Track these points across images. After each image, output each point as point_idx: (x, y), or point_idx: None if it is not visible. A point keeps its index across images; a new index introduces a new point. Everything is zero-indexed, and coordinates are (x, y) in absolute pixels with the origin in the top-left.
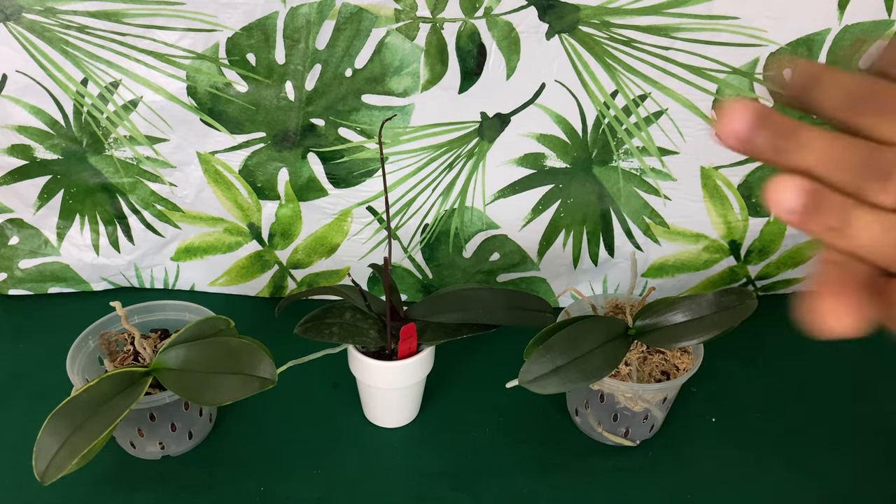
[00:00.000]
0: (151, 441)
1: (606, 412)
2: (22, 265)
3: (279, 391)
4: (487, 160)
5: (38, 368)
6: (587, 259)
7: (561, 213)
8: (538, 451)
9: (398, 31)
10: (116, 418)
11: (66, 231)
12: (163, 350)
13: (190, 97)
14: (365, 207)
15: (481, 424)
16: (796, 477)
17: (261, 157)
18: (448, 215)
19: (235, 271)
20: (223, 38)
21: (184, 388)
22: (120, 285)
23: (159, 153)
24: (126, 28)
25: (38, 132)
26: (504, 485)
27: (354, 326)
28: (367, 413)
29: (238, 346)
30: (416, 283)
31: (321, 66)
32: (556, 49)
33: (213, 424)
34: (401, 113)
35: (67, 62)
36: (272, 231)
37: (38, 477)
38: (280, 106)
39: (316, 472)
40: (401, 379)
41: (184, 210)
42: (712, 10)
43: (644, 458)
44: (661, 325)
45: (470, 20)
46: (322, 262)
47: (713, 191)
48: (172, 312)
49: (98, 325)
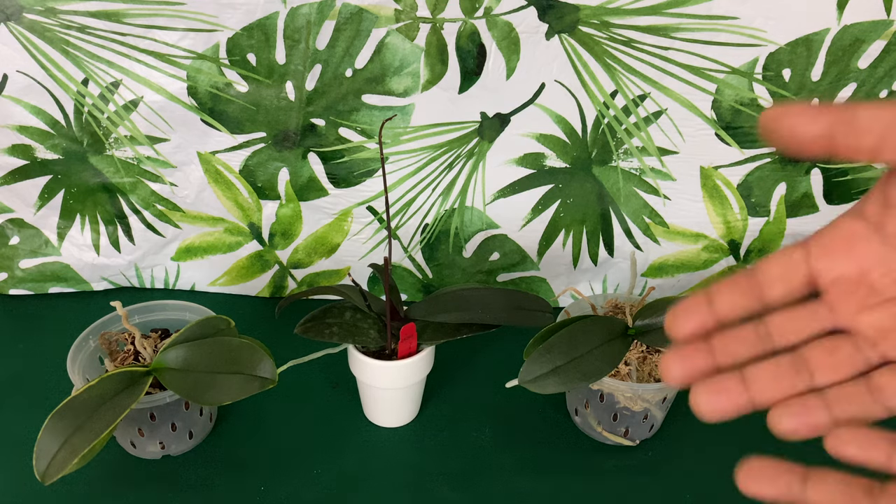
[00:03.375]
0: (152, 441)
1: (606, 412)
2: (22, 265)
3: (279, 391)
4: (487, 160)
5: (38, 368)
6: (587, 259)
7: (561, 212)
8: (538, 451)
9: (398, 31)
10: (117, 418)
11: (67, 231)
12: (163, 350)
13: (190, 97)
14: (365, 207)
15: (481, 424)
16: None
17: (261, 157)
18: (448, 215)
19: (236, 271)
20: (224, 39)
21: (184, 388)
22: (120, 285)
23: (160, 153)
24: (127, 28)
25: (39, 132)
26: (504, 485)
27: (354, 326)
28: (367, 413)
29: (238, 346)
30: (416, 283)
31: (321, 66)
32: (555, 49)
33: (213, 424)
34: (401, 113)
35: (68, 62)
36: (272, 231)
37: (39, 477)
38: (280, 106)
39: (316, 472)
40: (401, 379)
41: (184, 210)
42: (712, 11)
43: (644, 457)
44: (661, 325)
45: (470, 20)
46: (322, 261)
47: (712, 190)
48: (173, 312)
49: (98, 325)
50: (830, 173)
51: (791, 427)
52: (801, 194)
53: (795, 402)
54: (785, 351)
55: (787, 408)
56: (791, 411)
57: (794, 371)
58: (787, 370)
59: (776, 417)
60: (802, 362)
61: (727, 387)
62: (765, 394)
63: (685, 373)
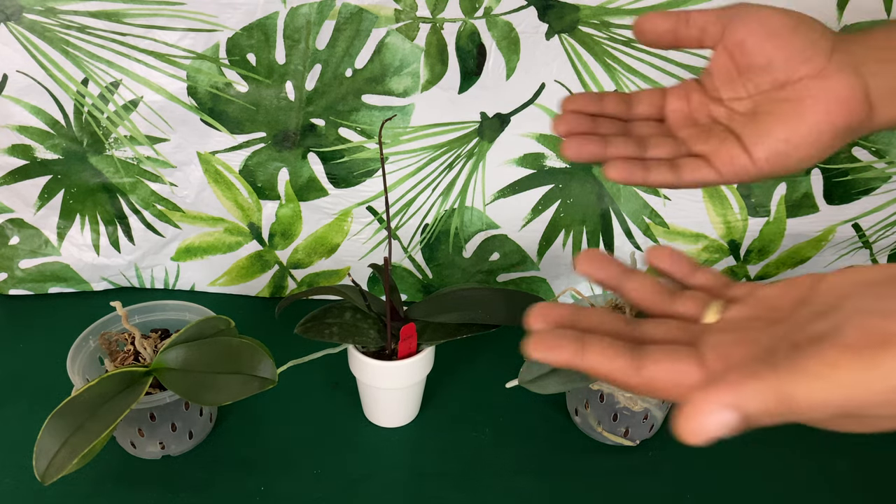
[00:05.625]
0: (152, 441)
1: (606, 412)
2: (22, 265)
3: (279, 391)
4: (487, 160)
5: (38, 368)
6: None
7: (561, 213)
8: (538, 451)
9: (398, 31)
10: (117, 418)
11: (67, 231)
12: (163, 350)
13: (190, 97)
14: (365, 207)
15: (481, 424)
16: (797, 477)
17: (261, 157)
18: (448, 215)
19: (235, 271)
20: (223, 39)
21: (184, 388)
22: (120, 285)
23: (160, 153)
24: (126, 28)
25: (39, 132)
26: (504, 485)
27: (354, 326)
28: (367, 413)
29: (238, 346)
30: (416, 283)
31: (321, 66)
32: (555, 49)
33: (213, 424)
34: (401, 113)
35: (68, 62)
36: (272, 231)
37: (39, 477)
38: (280, 106)
39: (316, 472)
40: (401, 379)
41: (184, 210)
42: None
43: (644, 457)
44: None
45: (470, 20)
46: (322, 262)
47: (713, 191)
48: (172, 312)
49: (98, 325)
50: (831, 173)
51: (619, 176)
52: (801, 194)
53: (627, 161)
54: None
55: (620, 163)
56: (621, 166)
57: (636, 145)
58: (632, 144)
59: (611, 168)
60: (643, 143)
61: (594, 141)
62: (613, 150)
63: (571, 128)
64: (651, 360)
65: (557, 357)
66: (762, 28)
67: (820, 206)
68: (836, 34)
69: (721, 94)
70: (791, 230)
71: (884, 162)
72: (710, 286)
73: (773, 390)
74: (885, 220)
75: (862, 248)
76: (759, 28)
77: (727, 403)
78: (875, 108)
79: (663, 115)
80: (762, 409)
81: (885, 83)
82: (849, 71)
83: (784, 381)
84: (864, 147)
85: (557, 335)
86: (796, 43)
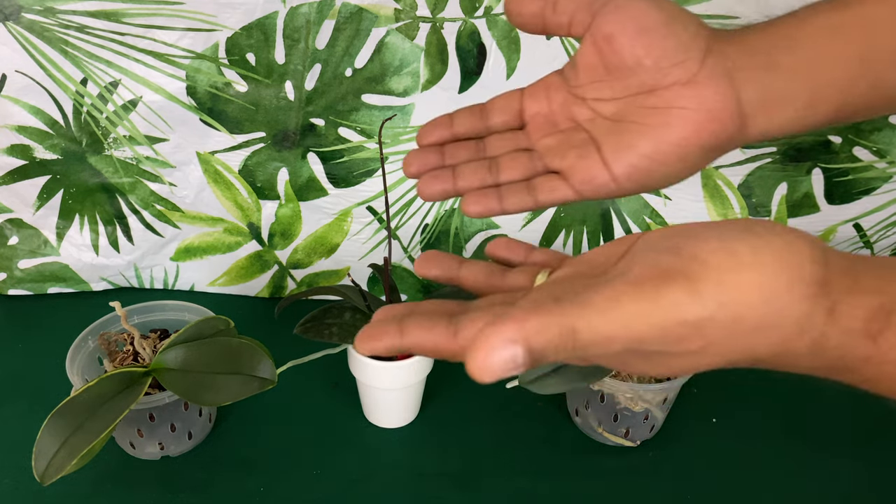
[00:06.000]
0: (151, 441)
1: (607, 412)
2: (21, 265)
3: (279, 391)
4: None
5: (38, 368)
6: None
7: (561, 213)
8: (538, 451)
9: (398, 30)
10: (116, 418)
11: (66, 231)
12: (162, 350)
13: (189, 97)
14: (365, 207)
15: (481, 424)
16: (797, 477)
17: (261, 157)
18: (448, 215)
19: (235, 271)
20: (223, 38)
21: (183, 389)
22: (119, 285)
23: (159, 153)
24: (126, 28)
25: (38, 132)
26: (504, 485)
27: (354, 326)
28: (367, 413)
29: (238, 346)
30: (416, 283)
31: (321, 66)
32: (556, 49)
33: (212, 424)
34: (401, 113)
35: (67, 62)
36: (272, 231)
37: (38, 477)
38: (280, 106)
39: (316, 472)
40: (401, 379)
41: (183, 210)
42: (711, 10)
43: (644, 458)
44: None
45: (470, 20)
46: (322, 262)
47: (713, 191)
48: (172, 312)
49: (98, 325)
50: (831, 173)
51: (474, 211)
52: (802, 194)
53: (480, 193)
54: (489, 159)
55: (472, 196)
56: (474, 199)
57: (488, 170)
58: (483, 170)
59: (465, 203)
60: (496, 166)
61: (442, 177)
62: (464, 183)
63: (419, 168)
64: (468, 320)
65: (381, 343)
66: (633, 23)
67: (821, 206)
68: (712, 32)
69: (585, 94)
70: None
71: (885, 162)
72: (548, 261)
73: (556, 324)
74: (886, 220)
75: (863, 247)
76: (630, 23)
77: (511, 338)
78: (747, 119)
79: (522, 122)
80: (546, 343)
81: (759, 92)
82: (721, 78)
83: (567, 314)
84: (864, 147)
85: (377, 326)
86: (668, 44)
